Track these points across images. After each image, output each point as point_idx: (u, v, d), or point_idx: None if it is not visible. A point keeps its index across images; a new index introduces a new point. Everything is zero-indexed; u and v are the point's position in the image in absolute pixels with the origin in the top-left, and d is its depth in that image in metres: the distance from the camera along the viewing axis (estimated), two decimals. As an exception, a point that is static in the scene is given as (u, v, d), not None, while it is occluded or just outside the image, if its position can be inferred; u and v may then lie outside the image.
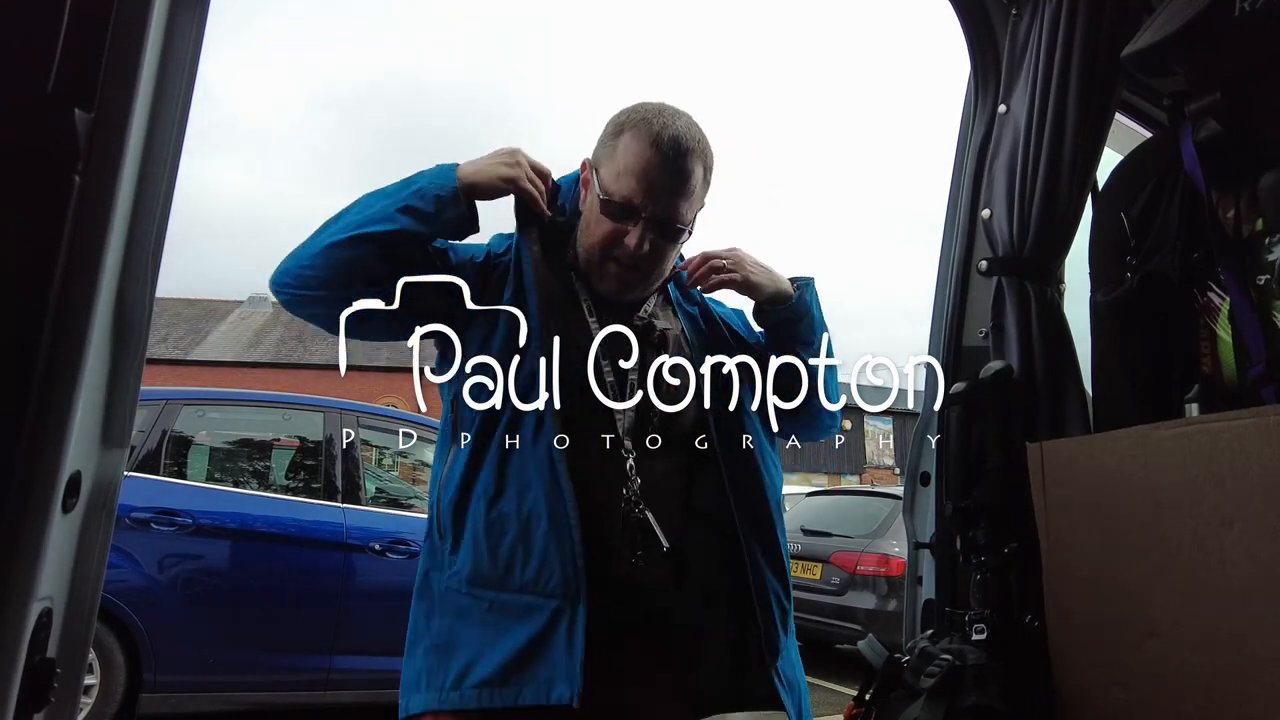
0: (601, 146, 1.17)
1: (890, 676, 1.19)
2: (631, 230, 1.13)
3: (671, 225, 1.15)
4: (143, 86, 0.67)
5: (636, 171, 1.11)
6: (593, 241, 1.17)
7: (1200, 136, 1.16)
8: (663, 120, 1.13)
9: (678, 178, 1.13)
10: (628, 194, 1.12)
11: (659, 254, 1.17)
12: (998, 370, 1.33)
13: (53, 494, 0.61)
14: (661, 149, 1.11)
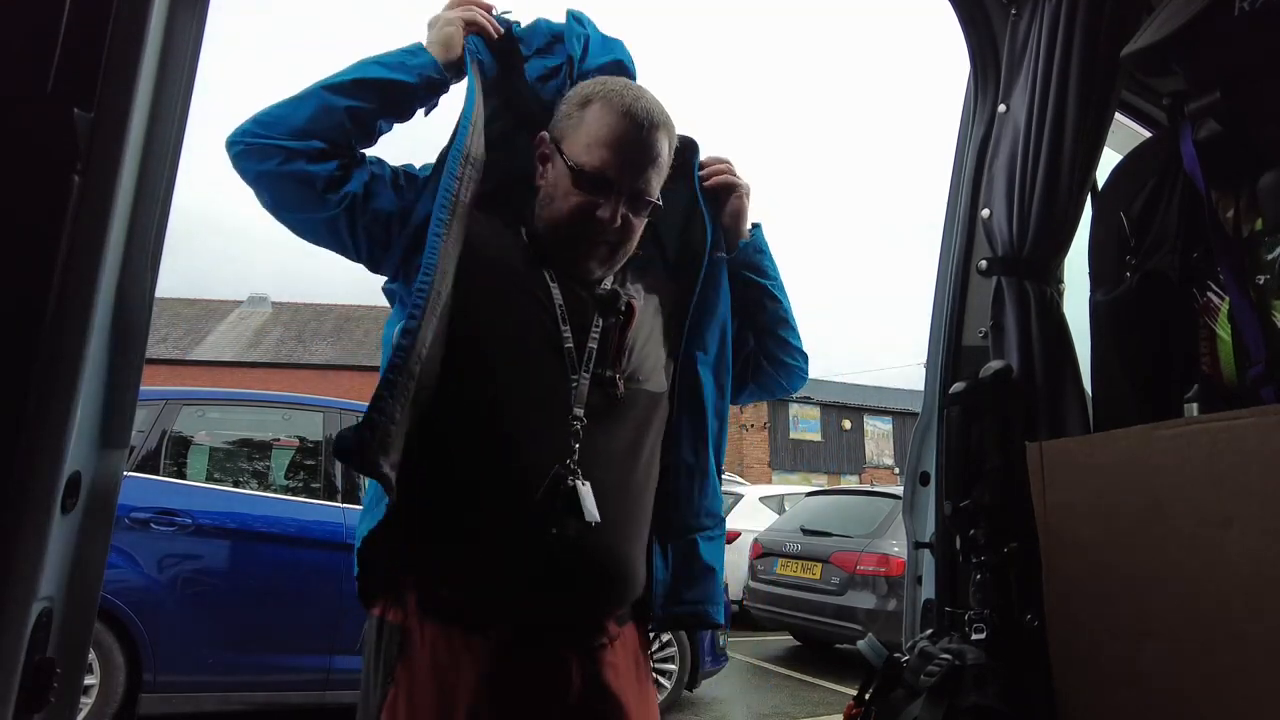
0: (565, 119, 1.14)
1: (890, 676, 1.19)
2: (605, 203, 1.09)
3: (643, 198, 1.12)
4: (142, 86, 0.67)
5: (610, 142, 1.09)
6: (560, 215, 1.12)
7: (1200, 136, 1.16)
8: (632, 93, 1.12)
9: (651, 150, 1.11)
10: (601, 165, 1.09)
11: (630, 228, 1.14)
12: (997, 370, 1.33)
13: (52, 494, 0.61)
14: (636, 120, 1.09)
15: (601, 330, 1.12)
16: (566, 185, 1.11)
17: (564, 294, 1.13)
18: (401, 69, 1.11)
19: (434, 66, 1.13)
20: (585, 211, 1.10)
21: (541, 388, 1.09)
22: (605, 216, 1.10)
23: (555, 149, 1.14)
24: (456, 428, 1.06)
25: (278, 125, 1.05)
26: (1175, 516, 0.99)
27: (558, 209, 1.12)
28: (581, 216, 1.10)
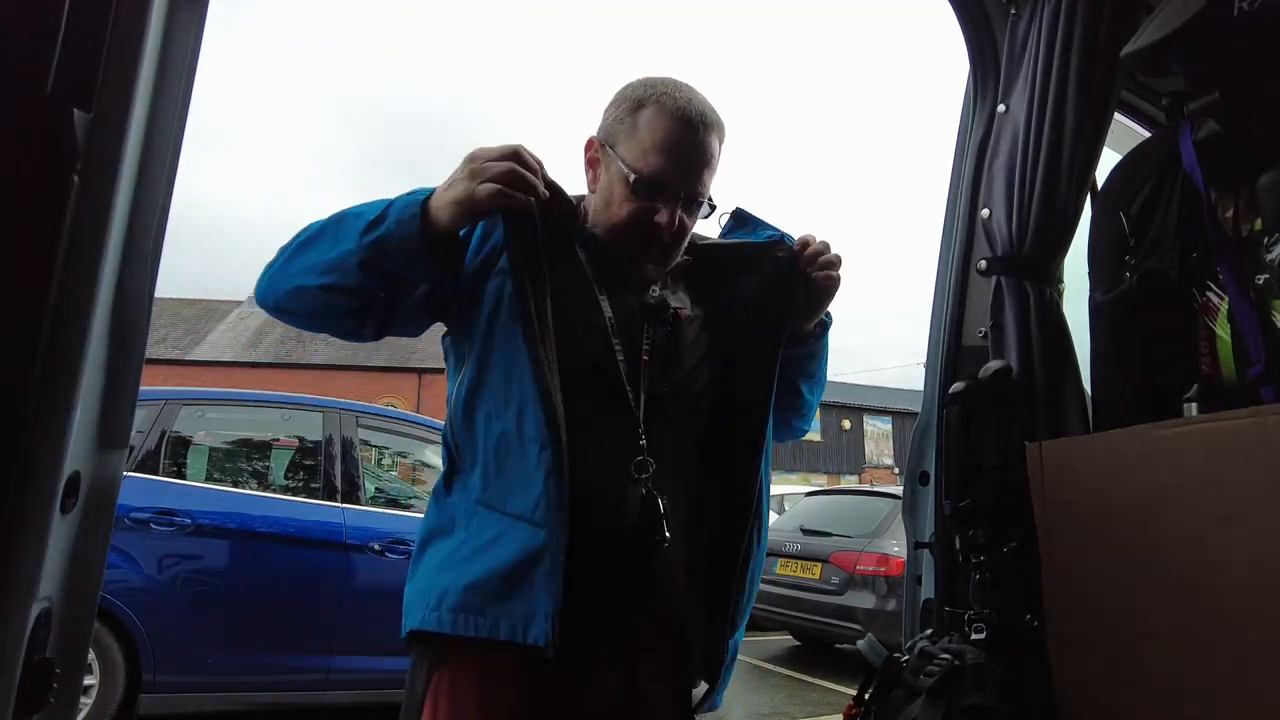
0: (617, 123, 1.12)
1: (890, 676, 1.19)
2: (663, 208, 1.09)
3: (698, 200, 1.13)
4: (141, 86, 0.67)
5: (666, 147, 1.08)
6: (618, 220, 1.11)
7: (1199, 136, 1.16)
8: (684, 94, 1.11)
9: (706, 152, 1.11)
10: (657, 171, 1.08)
11: (685, 230, 1.14)
12: (997, 370, 1.33)
13: (51, 494, 0.61)
14: (690, 123, 1.09)
15: (652, 341, 1.12)
16: (623, 192, 1.10)
17: (613, 307, 1.12)
18: (392, 282, 1.04)
19: (430, 269, 1.03)
20: (643, 217, 1.10)
21: (601, 406, 1.08)
22: (663, 221, 1.09)
23: (608, 153, 1.13)
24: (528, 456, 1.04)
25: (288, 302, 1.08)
26: (1175, 516, 0.99)
27: (614, 215, 1.11)
28: (639, 222, 1.10)
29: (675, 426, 1.12)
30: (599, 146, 1.14)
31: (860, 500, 6.95)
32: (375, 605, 3.80)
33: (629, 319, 1.12)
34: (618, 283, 1.14)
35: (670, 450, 1.10)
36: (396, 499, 4.71)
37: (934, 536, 1.44)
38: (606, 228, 1.13)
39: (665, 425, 1.11)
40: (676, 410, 1.12)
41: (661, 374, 1.11)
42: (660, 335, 1.13)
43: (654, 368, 1.11)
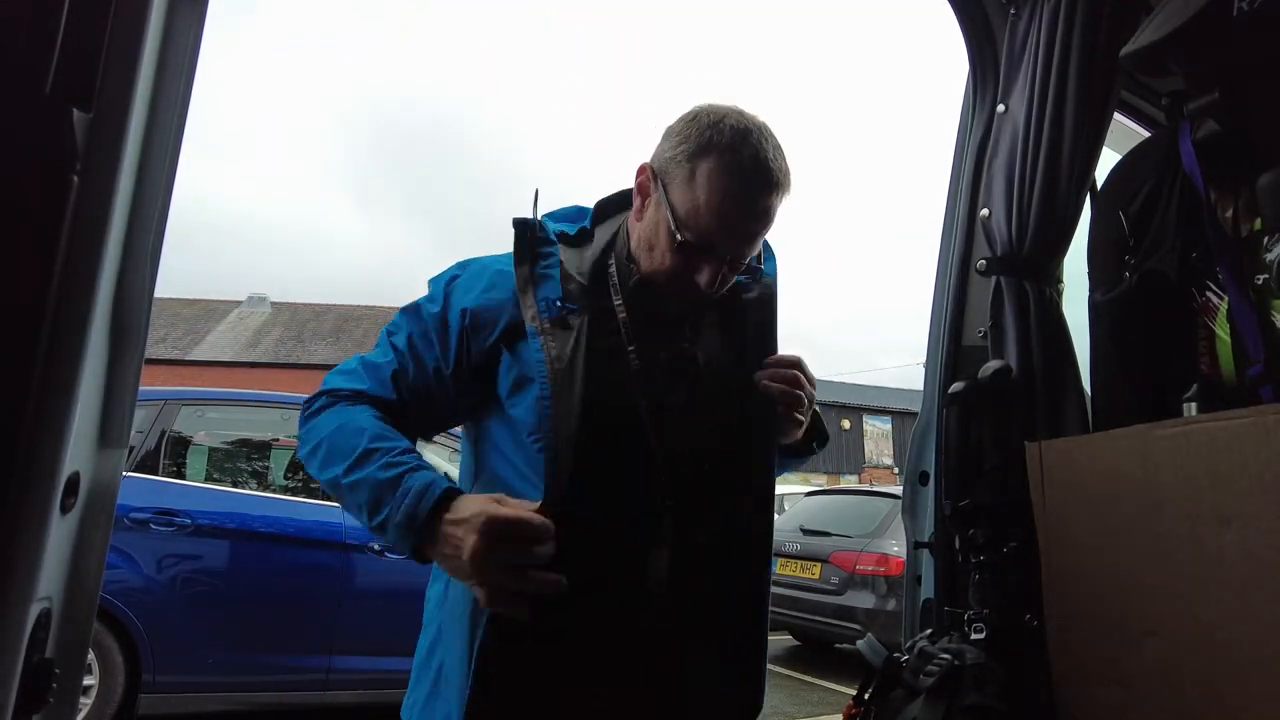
0: (673, 162, 1.02)
1: (889, 676, 1.19)
2: (706, 268, 1.02)
3: (745, 260, 1.06)
4: (141, 86, 0.67)
5: (720, 210, 0.99)
6: (658, 269, 1.05)
7: (1198, 136, 1.16)
8: (752, 148, 0.99)
9: (762, 218, 1.02)
10: (707, 234, 1.00)
11: (726, 285, 1.08)
12: (996, 370, 1.33)
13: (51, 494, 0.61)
14: (750, 185, 0.99)
15: (675, 396, 1.07)
16: (667, 243, 1.02)
17: (641, 359, 1.05)
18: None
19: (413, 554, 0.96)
20: (685, 275, 1.03)
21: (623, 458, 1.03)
22: (703, 283, 1.02)
23: (659, 189, 1.04)
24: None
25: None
26: (1174, 516, 0.99)
27: (655, 262, 1.05)
28: (680, 279, 1.03)
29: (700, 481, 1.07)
30: (651, 178, 1.05)
31: (860, 500, 6.95)
32: (375, 605, 3.80)
33: (654, 375, 1.06)
34: (646, 327, 1.08)
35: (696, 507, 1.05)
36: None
37: (934, 536, 1.44)
38: (646, 269, 1.07)
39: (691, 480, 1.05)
40: (701, 464, 1.07)
41: (687, 429, 1.06)
42: (684, 390, 1.07)
43: (680, 423, 1.06)
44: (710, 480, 1.07)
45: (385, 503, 0.92)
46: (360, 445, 0.96)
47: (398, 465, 0.94)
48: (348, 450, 0.97)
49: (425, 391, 1.06)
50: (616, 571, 1.01)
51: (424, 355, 1.06)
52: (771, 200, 1.01)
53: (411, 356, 1.06)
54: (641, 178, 1.07)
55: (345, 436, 0.98)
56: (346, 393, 1.05)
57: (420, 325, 1.08)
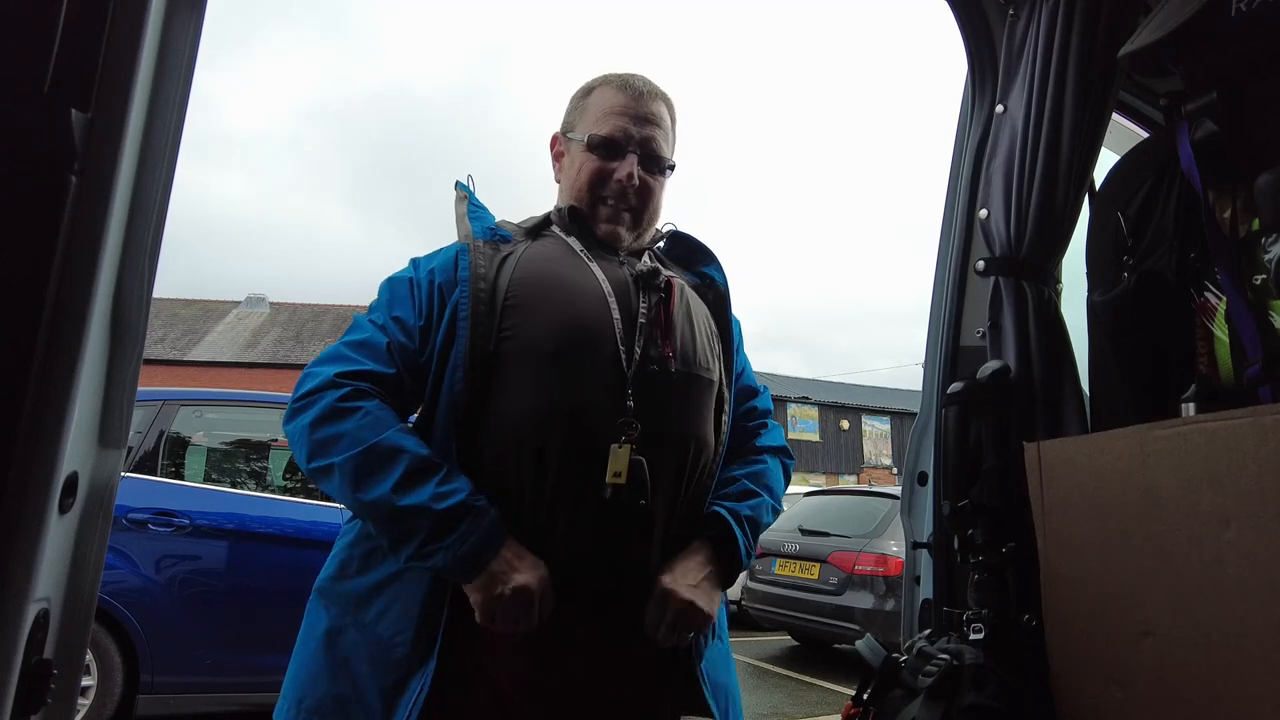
0: (571, 113, 1.25)
1: (888, 676, 1.19)
2: (621, 163, 1.19)
3: (655, 156, 1.21)
4: (140, 86, 0.67)
5: (617, 109, 1.20)
6: (582, 185, 1.20)
7: (1197, 136, 1.16)
8: (628, 74, 1.24)
9: (653, 114, 1.21)
10: (612, 130, 1.19)
11: (648, 188, 1.21)
12: (995, 370, 1.33)
13: (49, 495, 0.61)
14: (635, 88, 1.21)
15: (649, 306, 1.13)
16: (582, 157, 1.20)
17: (606, 275, 1.15)
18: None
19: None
20: (603, 174, 1.19)
21: (597, 367, 1.07)
22: (623, 175, 1.18)
23: (567, 139, 1.24)
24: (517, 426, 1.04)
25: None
26: (1173, 516, 0.99)
27: (578, 182, 1.21)
28: (600, 178, 1.19)
29: (674, 391, 1.10)
30: (561, 139, 1.27)
31: (859, 500, 6.95)
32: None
33: (623, 287, 1.14)
34: (604, 255, 1.19)
35: (665, 414, 1.08)
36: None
37: (932, 536, 1.44)
38: (573, 196, 1.22)
39: (662, 389, 1.09)
40: (676, 374, 1.11)
41: (658, 338, 1.11)
42: (655, 301, 1.14)
43: (650, 332, 1.10)
44: (673, 385, 1.11)
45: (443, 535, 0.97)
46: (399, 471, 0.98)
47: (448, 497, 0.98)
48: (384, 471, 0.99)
49: (412, 356, 1.10)
50: (581, 464, 1.03)
51: (405, 319, 1.11)
52: (656, 104, 1.22)
53: (394, 324, 1.11)
54: (555, 147, 1.29)
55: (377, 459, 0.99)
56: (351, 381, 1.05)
57: (393, 295, 1.14)
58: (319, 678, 1.07)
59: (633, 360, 1.08)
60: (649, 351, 1.09)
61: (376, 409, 1.03)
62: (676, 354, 1.11)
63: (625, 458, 1.02)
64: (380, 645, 1.02)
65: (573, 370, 1.05)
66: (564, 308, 1.08)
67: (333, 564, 1.10)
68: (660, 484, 1.07)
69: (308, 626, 1.11)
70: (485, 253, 1.13)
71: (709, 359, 1.17)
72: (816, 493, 8.12)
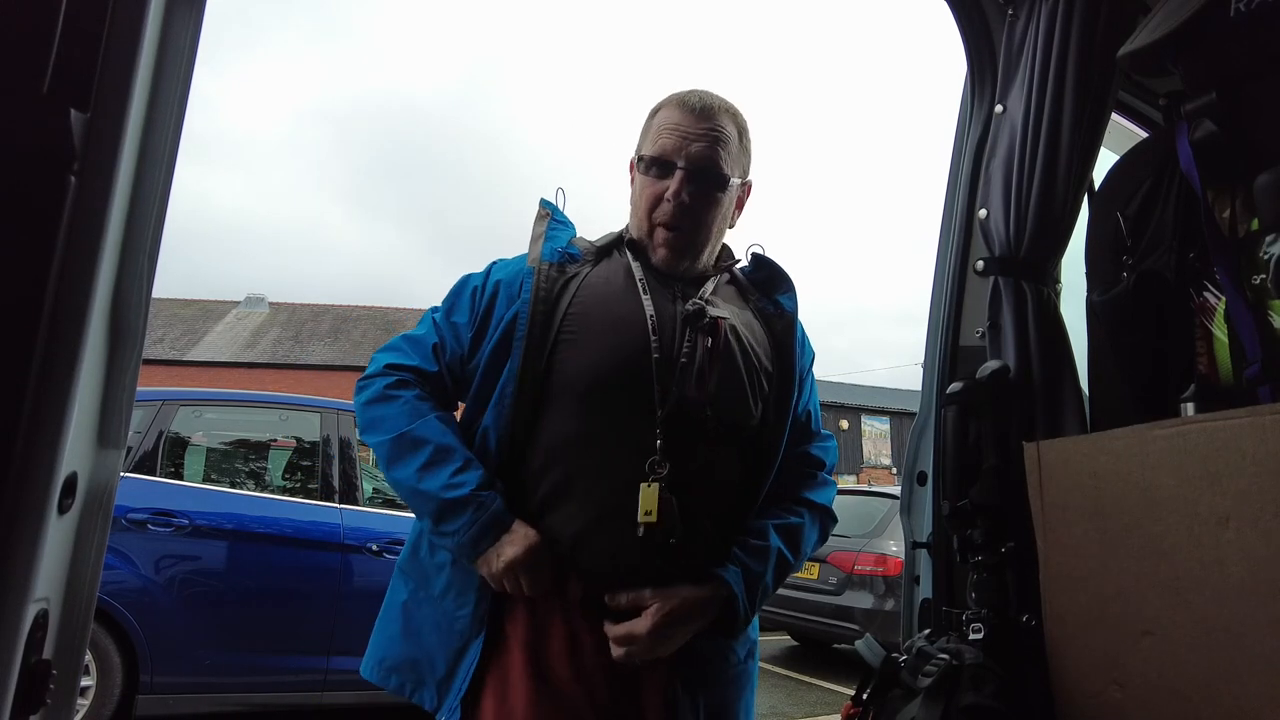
0: (640, 137, 1.24)
1: (887, 676, 1.19)
2: (670, 180, 1.17)
3: (708, 174, 1.17)
4: (139, 86, 0.67)
5: (669, 128, 1.18)
6: (640, 211, 1.20)
7: (1196, 136, 1.16)
8: (690, 91, 1.21)
9: (710, 131, 1.17)
10: (661, 150, 1.17)
11: (699, 206, 1.18)
12: (994, 370, 1.33)
13: (48, 495, 0.61)
14: (691, 108, 1.18)
15: (692, 346, 1.13)
16: (639, 180, 1.21)
17: (657, 308, 1.16)
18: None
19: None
20: (655, 197, 1.18)
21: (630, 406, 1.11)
22: (671, 191, 1.16)
23: (638, 159, 1.23)
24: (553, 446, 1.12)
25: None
26: (1172, 516, 0.99)
27: (636, 205, 1.22)
28: (653, 200, 1.19)
29: (706, 437, 1.13)
30: (633, 163, 1.25)
31: (858, 500, 6.95)
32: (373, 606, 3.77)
33: (670, 324, 1.15)
34: (660, 286, 1.19)
35: (697, 460, 1.11)
36: (394, 499, 4.71)
37: (931, 536, 1.44)
38: (634, 224, 1.23)
39: (694, 434, 1.12)
40: (709, 421, 1.13)
41: (695, 380, 1.12)
42: (699, 343, 1.14)
43: (687, 373, 1.12)
44: (714, 437, 1.14)
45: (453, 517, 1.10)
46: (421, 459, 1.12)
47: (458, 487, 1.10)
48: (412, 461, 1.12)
49: (459, 361, 1.20)
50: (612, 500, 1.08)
51: (460, 324, 1.21)
52: (716, 118, 1.18)
53: (448, 326, 1.21)
54: (632, 171, 1.25)
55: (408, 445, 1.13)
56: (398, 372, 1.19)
57: (457, 298, 1.23)
58: (396, 641, 1.18)
59: (667, 401, 1.10)
60: (683, 394, 1.11)
61: (414, 399, 1.15)
62: (712, 399, 1.13)
63: (655, 496, 1.06)
64: (446, 617, 1.14)
65: (606, 407, 1.10)
66: (605, 344, 1.12)
67: (409, 545, 1.23)
68: (690, 523, 1.09)
69: (390, 597, 1.25)
70: (550, 276, 1.16)
71: (751, 403, 1.18)
72: (816, 492, 8.09)
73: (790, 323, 1.26)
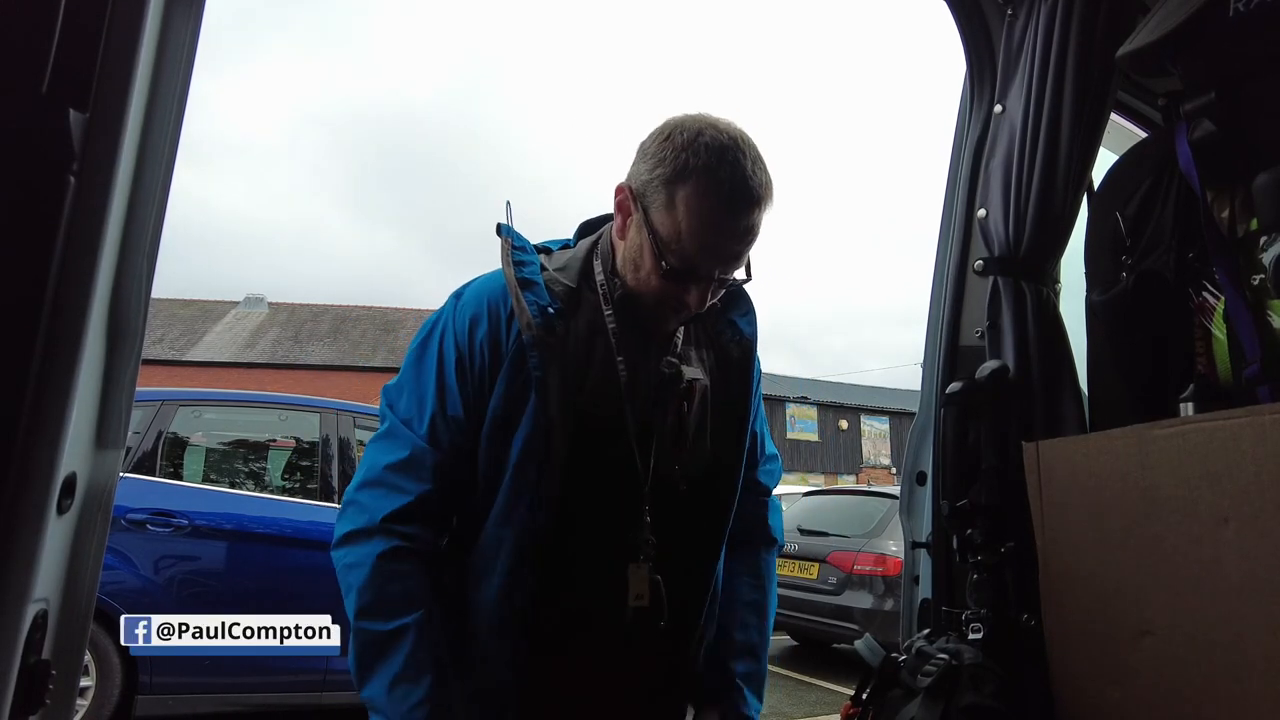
0: (651, 186, 1.00)
1: (887, 676, 1.19)
2: (694, 289, 1.02)
3: (732, 278, 1.06)
4: (138, 86, 0.67)
5: (702, 237, 0.98)
6: (645, 291, 1.05)
7: (1195, 136, 1.16)
8: (728, 170, 0.97)
9: (746, 237, 1.00)
10: (692, 260, 0.99)
11: (716, 298, 1.08)
12: (994, 370, 1.33)
13: (48, 495, 0.61)
14: (732, 210, 0.97)
15: (663, 412, 1.09)
16: (652, 266, 1.01)
17: (632, 368, 1.07)
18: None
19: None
20: (670, 298, 1.04)
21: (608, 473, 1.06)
22: (692, 303, 1.03)
23: (639, 210, 1.02)
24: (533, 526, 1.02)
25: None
26: (1171, 515, 0.99)
27: (641, 284, 1.05)
28: (665, 302, 1.04)
29: (686, 505, 1.10)
30: (630, 198, 1.04)
31: (858, 500, 6.96)
32: (372, 606, 3.78)
33: (645, 389, 1.08)
34: (637, 339, 1.09)
35: (672, 528, 1.09)
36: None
37: (931, 536, 1.45)
38: (633, 288, 1.07)
39: (676, 504, 1.09)
40: (688, 489, 1.10)
41: (673, 450, 1.09)
42: (674, 409, 1.09)
43: (665, 443, 1.08)
44: (690, 502, 1.10)
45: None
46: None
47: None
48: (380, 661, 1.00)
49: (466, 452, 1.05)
50: (600, 582, 1.06)
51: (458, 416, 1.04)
52: (754, 217, 1.00)
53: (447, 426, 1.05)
54: (620, 197, 1.06)
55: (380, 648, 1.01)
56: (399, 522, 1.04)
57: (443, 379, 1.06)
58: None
59: (648, 474, 1.06)
60: (662, 465, 1.07)
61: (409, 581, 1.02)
62: (685, 468, 1.09)
63: (644, 580, 1.05)
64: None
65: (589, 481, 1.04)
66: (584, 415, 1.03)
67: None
68: (676, 600, 1.08)
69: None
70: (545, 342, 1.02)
71: (728, 453, 1.14)
72: (815, 493, 8.12)
73: (748, 350, 1.17)
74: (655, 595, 1.05)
